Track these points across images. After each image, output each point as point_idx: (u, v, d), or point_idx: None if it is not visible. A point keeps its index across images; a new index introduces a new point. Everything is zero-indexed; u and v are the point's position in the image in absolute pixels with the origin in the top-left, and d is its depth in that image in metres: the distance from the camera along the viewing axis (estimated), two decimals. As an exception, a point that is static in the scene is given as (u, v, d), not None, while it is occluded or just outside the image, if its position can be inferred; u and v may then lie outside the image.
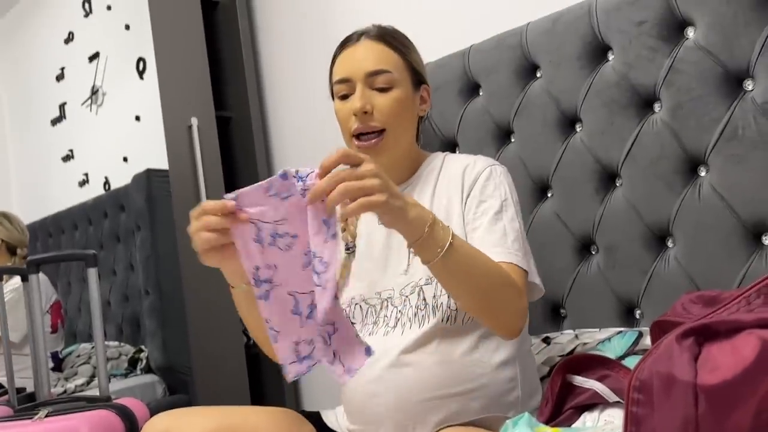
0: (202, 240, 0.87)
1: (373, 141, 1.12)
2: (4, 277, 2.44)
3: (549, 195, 1.46)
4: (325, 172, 0.83)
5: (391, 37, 1.16)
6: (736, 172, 1.16)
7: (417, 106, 1.19)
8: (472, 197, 1.13)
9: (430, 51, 1.24)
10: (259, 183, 0.84)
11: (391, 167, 1.18)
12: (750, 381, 0.60)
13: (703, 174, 1.22)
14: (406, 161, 1.20)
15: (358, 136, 1.13)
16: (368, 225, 1.19)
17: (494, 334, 1.08)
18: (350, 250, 1.19)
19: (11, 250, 2.65)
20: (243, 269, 0.88)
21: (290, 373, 0.88)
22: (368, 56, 1.13)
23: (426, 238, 0.90)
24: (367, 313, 1.15)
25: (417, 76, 1.18)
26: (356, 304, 1.16)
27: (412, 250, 0.94)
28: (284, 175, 0.84)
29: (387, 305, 1.13)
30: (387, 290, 1.13)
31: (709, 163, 1.20)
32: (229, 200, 0.84)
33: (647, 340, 1.18)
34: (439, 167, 1.20)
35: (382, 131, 1.12)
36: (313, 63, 2.20)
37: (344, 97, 1.14)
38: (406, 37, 1.20)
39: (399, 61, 1.15)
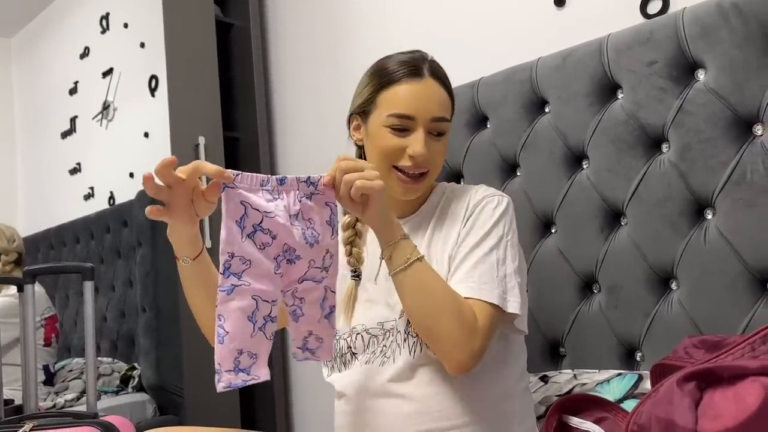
0: (153, 185, 0.86)
1: (417, 178, 1.12)
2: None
3: (553, 231, 1.44)
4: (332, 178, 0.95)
5: (447, 81, 1.16)
6: (743, 216, 1.15)
7: None
8: (465, 229, 1.11)
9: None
10: (259, 174, 0.88)
11: (408, 200, 1.17)
12: (753, 430, 0.57)
13: (709, 217, 1.21)
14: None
15: (404, 171, 1.11)
16: (372, 255, 1.18)
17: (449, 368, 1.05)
18: (356, 275, 1.17)
19: None
20: (191, 238, 0.96)
21: (222, 381, 0.84)
22: (435, 100, 1.11)
23: (397, 245, 1.01)
24: (369, 343, 1.13)
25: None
26: (358, 333, 1.14)
27: (383, 257, 1.04)
28: (282, 180, 0.89)
29: (388, 336, 1.11)
30: (389, 321, 1.11)
31: (716, 206, 1.19)
32: (229, 172, 0.86)
33: (647, 384, 1.15)
34: (442, 198, 1.19)
35: (426, 172, 1.12)
36: (323, 88, 2.21)
37: (399, 130, 1.10)
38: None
39: (451, 108, 1.16)
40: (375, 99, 1.12)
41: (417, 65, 1.11)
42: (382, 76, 1.12)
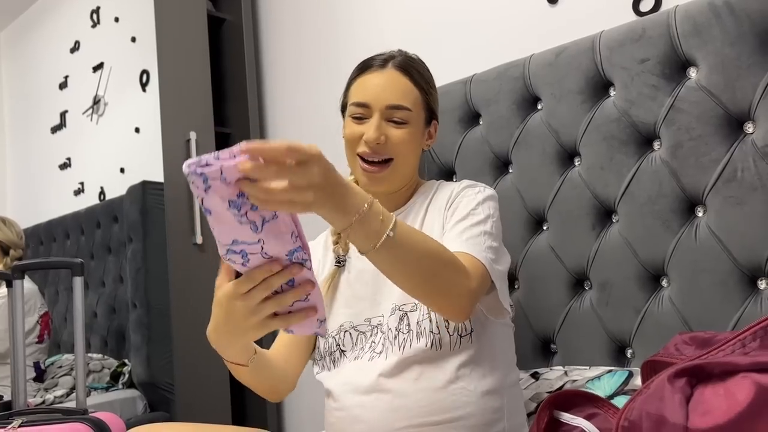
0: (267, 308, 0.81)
1: (379, 168, 1.13)
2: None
3: (544, 228, 1.44)
4: (266, 159, 0.73)
5: (416, 72, 1.16)
6: (733, 214, 1.15)
7: (424, 141, 1.20)
8: (449, 212, 1.14)
9: (431, 77, 1.24)
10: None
11: (389, 194, 1.18)
12: (743, 427, 0.58)
13: (700, 214, 1.21)
14: (404, 189, 1.21)
15: (364, 158, 1.13)
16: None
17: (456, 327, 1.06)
18: (341, 263, 1.18)
19: (5, 251, 2.64)
20: (246, 344, 0.95)
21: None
22: (392, 88, 1.12)
23: (352, 228, 0.82)
24: (357, 340, 1.13)
25: (430, 113, 1.20)
26: (345, 331, 1.15)
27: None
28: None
29: (376, 332, 1.11)
30: (377, 317, 1.12)
31: (707, 203, 1.19)
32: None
33: (638, 380, 1.16)
34: (431, 194, 1.20)
35: (389, 160, 1.13)
36: (315, 85, 2.20)
37: (357, 118, 1.14)
38: (429, 71, 1.20)
39: (418, 99, 1.15)
40: (347, 93, 1.19)
41: (384, 59, 1.16)
42: (353, 72, 1.19)
